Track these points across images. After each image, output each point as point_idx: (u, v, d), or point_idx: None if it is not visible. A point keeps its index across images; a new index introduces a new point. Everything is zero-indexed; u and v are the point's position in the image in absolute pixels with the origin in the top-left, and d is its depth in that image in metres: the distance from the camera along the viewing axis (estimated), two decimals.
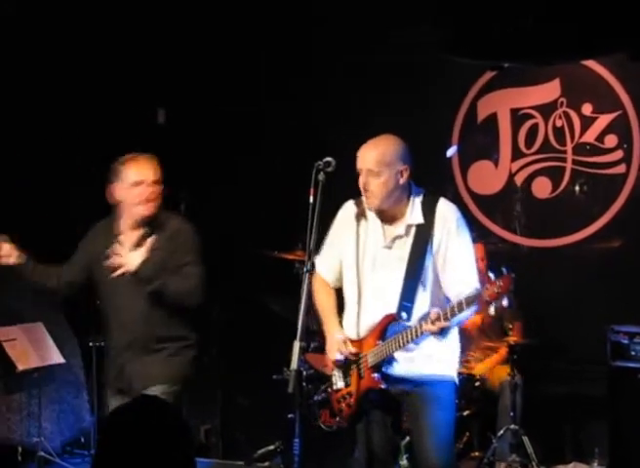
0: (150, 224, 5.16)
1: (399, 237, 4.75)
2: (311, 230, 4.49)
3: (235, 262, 7.88)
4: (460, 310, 4.44)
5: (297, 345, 4.36)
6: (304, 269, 4.52)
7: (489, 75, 7.54)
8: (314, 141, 7.47)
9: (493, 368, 6.92)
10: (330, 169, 4.54)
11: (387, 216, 4.78)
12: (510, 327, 6.87)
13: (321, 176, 4.53)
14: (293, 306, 5.87)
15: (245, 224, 7.91)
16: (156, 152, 7.98)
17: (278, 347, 5.26)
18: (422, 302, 4.70)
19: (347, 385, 4.82)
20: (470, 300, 4.42)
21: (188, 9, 7.88)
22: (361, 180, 4.71)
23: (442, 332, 4.52)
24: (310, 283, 4.58)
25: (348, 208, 4.94)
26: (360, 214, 4.86)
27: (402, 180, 4.71)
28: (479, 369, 6.86)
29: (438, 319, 4.47)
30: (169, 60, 8.02)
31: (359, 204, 4.88)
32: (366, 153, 4.72)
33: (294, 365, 4.34)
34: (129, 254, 5.02)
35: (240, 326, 7.77)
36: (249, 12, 7.93)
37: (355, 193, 4.84)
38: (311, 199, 4.47)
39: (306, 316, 4.49)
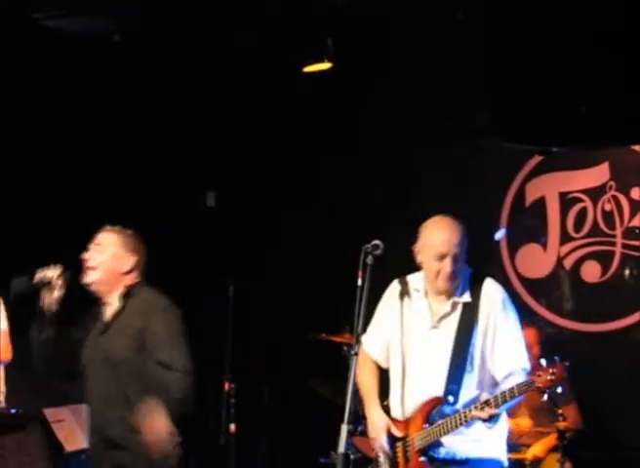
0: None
1: (446, 315, 4.74)
2: (359, 313, 4.50)
3: (283, 345, 7.88)
4: (512, 397, 4.40)
5: (344, 428, 4.34)
6: (352, 352, 4.52)
7: (537, 159, 7.56)
8: (361, 224, 7.51)
9: (545, 451, 6.76)
10: (378, 252, 4.56)
11: (440, 293, 4.78)
12: (561, 412, 6.73)
13: (369, 260, 4.55)
14: (340, 389, 5.87)
15: (293, 307, 7.91)
16: (205, 235, 8.17)
17: (326, 430, 5.22)
18: (469, 385, 4.66)
19: (393, 467, 4.76)
20: (522, 389, 4.38)
21: (238, 94, 8.00)
22: (447, 266, 4.69)
23: (491, 419, 4.48)
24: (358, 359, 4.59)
25: (394, 287, 4.95)
26: (404, 293, 4.87)
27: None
28: (531, 452, 6.73)
29: (488, 405, 4.43)
30: (219, 142, 8.14)
31: (403, 283, 4.90)
32: (453, 236, 4.71)
33: (341, 448, 4.32)
34: None
35: (288, 409, 7.73)
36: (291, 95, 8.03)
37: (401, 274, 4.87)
38: (359, 282, 4.49)
39: (354, 399, 4.48)
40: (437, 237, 4.73)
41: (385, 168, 8.05)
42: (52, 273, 4.79)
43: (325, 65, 7.32)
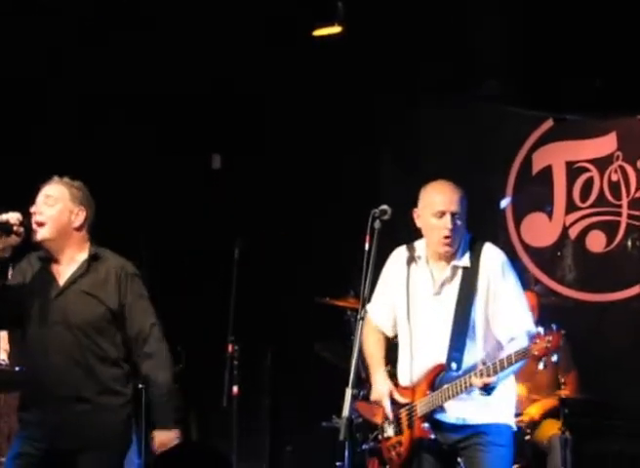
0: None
1: (447, 281, 4.74)
2: (366, 278, 4.50)
3: (287, 308, 7.90)
4: (509, 365, 4.41)
5: (348, 392, 4.34)
6: (358, 317, 4.53)
7: (544, 127, 7.55)
8: (369, 188, 7.51)
9: (543, 413, 6.79)
10: (386, 217, 4.55)
11: (441, 259, 4.78)
12: (563, 381, 6.75)
13: (377, 224, 4.54)
14: (343, 353, 5.89)
15: (297, 271, 7.93)
16: (211, 197, 8.17)
17: (328, 394, 5.25)
18: (473, 351, 4.66)
19: (397, 434, 4.78)
20: (519, 356, 4.39)
21: (245, 57, 7.96)
22: (447, 223, 4.66)
23: (487, 388, 4.48)
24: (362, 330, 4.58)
25: (400, 253, 4.94)
26: (411, 260, 4.86)
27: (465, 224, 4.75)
28: (529, 412, 6.74)
29: (483, 374, 4.45)
30: (226, 103, 8.12)
31: (411, 249, 4.88)
32: (452, 195, 4.69)
33: (345, 412, 4.32)
34: None
35: (290, 372, 7.77)
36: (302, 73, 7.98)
37: (408, 240, 4.86)
38: (366, 246, 4.49)
39: (358, 363, 4.48)
40: (436, 196, 4.71)
41: (394, 134, 8.03)
42: (12, 218, 4.53)
43: (335, 29, 7.27)
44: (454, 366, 4.63)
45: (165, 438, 4.67)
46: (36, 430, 4.62)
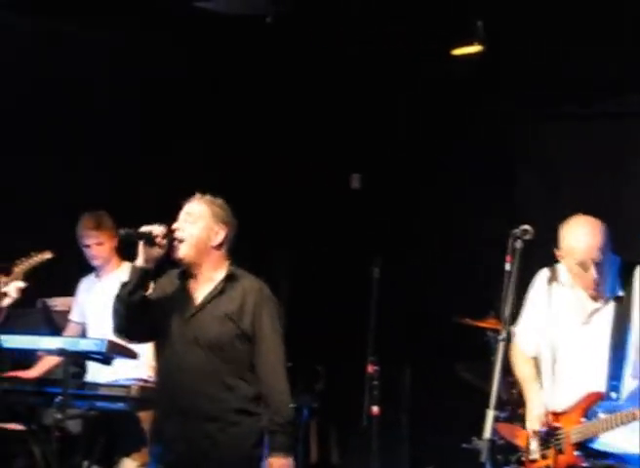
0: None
1: (596, 311, 4.70)
2: (507, 298, 4.46)
3: (426, 329, 7.87)
4: None
5: (490, 414, 4.30)
6: (499, 338, 4.48)
7: None
8: (509, 208, 7.44)
9: None
10: (527, 237, 4.51)
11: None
12: None
13: (518, 244, 4.50)
14: (483, 374, 5.83)
15: (437, 290, 7.90)
16: (350, 217, 8.21)
17: (467, 415, 5.20)
18: (629, 380, 4.64)
19: (544, 458, 4.73)
20: None
21: (385, 76, 8.00)
22: (592, 273, 4.64)
23: None
24: (505, 352, 4.54)
25: (544, 276, 4.89)
26: (553, 282, 4.83)
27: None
28: None
29: None
30: (364, 125, 8.16)
31: (553, 271, 4.85)
32: (593, 241, 4.66)
33: (487, 434, 4.28)
34: None
35: (430, 392, 7.73)
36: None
37: (550, 261, 4.80)
38: (508, 266, 4.44)
39: (500, 385, 4.44)
40: (576, 244, 4.68)
41: (534, 150, 7.93)
42: (155, 230, 4.57)
43: (475, 48, 7.24)
44: (613, 395, 4.62)
45: (279, 465, 4.58)
46: (166, 447, 4.66)
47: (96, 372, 6.24)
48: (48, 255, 5.73)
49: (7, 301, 5.49)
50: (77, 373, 6.19)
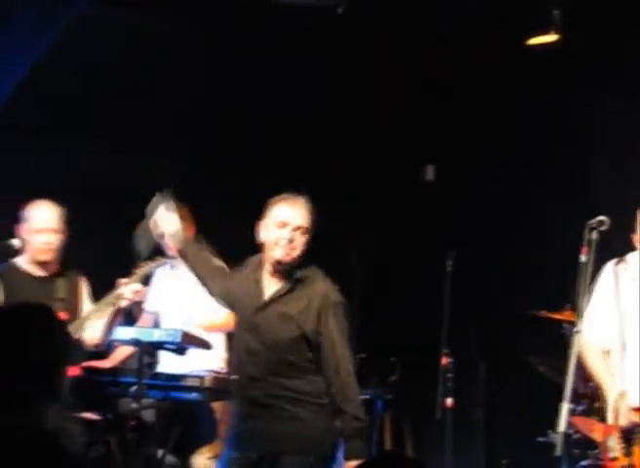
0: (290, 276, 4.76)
1: None
2: (583, 290, 4.41)
3: (502, 321, 7.81)
4: None
5: (565, 407, 4.27)
6: (574, 330, 4.44)
7: None
8: (585, 199, 7.34)
9: None
10: (603, 228, 4.46)
11: None
12: None
13: (594, 235, 4.45)
14: (559, 368, 5.77)
15: (512, 283, 7.83)
16: (423, 210, 8.18)
17: (543, 408, 5.15)
18: None
19: (627, 455, 4.64)
20: None
21: (456, 65, 7.94)
22: None
23: None
24: (580, 345, 4.49)
25: (612, 268, 4.82)
26: (624, 275, 4.76)
27: None
28: None
29: None
30: (437, 116, 8.12)
31: (623, 263, 4.77)
32: None
33: (561, 427, 4.24)
34: None
35: (505, 385, 7.67)
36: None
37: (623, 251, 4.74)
38: (583, 258, 4.39)
39: (574, 378, 4.39)
40: None
41: (612, 139, 7.81)
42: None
43: (551, 37, 7.14)
44: None
45: None
46: (241, 436, 4.76)
47: (167, 363, 6.31)
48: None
49: (124, 303, 5.68)
50: (150, 364, 6.26)
